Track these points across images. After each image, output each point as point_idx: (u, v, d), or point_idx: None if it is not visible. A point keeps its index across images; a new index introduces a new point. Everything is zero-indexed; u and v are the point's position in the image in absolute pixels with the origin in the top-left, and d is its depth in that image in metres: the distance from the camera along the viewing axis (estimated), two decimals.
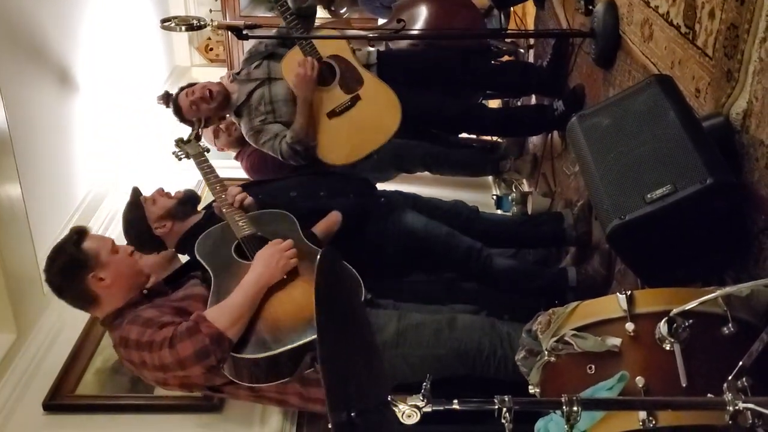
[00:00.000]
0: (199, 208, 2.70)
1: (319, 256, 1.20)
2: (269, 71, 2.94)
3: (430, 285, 2.84)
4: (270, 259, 2.05)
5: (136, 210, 2.48)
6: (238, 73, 3.04)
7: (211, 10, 5.04)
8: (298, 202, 2.58)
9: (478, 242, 2.71)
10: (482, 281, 2.71)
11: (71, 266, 2.09)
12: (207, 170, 2.51)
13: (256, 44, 3.10)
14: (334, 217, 2.49)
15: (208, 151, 2.65)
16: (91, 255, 2.09)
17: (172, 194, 2.62)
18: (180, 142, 2.67)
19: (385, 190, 2.99)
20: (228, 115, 3.10)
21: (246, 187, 2.87)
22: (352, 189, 2.77)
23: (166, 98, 3.25)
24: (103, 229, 3.52)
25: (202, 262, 2.18)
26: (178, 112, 3.03)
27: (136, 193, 2.56)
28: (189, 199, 2.63)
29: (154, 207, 2.48)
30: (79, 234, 2.15)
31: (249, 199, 2.41)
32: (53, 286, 2.13)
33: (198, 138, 2.67)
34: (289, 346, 1.89)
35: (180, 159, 2.67)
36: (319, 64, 2.80)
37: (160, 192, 2.54)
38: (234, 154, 3.60)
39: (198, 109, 2.95)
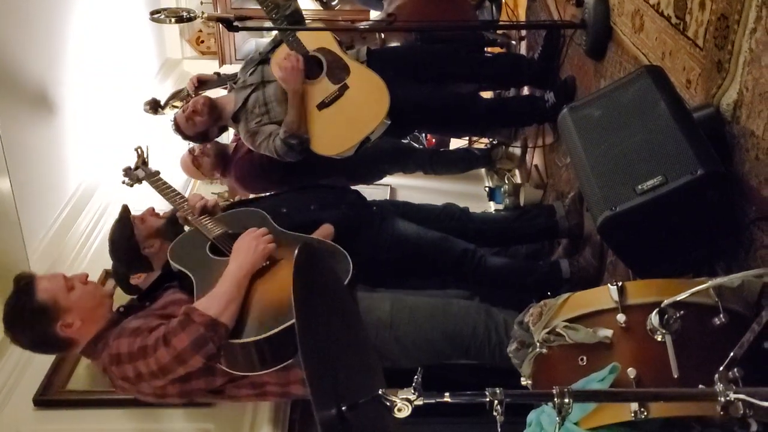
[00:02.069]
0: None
1: (296, 252, 1.18)
2: (263, 75, 2.95)
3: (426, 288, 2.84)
4: (248, 246, 2.03)
5: (124, 228, 2.44)
6: (235, 82, 3.07)
7: (201, 2, 5.00)
8: (290, 217, 2.56)
9: (471, 244, 2.71)
10: (477, 282, 2.71)
11: (33, 323, 1.97)
12: (163, 187, 2.50)
13: (252, 54, 3.13)
14: (326, 230, 2.47)
15: (158, 172, 2.62)
16: (49, 304, 1.97)
17: (161, 214, 2.59)
18: (128, 170, 2.64)
19: (375, 200, 3.00)
20: (228, 126, 3.11)
21: (234, 206, 2.85)
22: (343, 200, 2.77)
23: (154, 106, 3.25)
24: (94, 222, 3.50)
25: (178, 266, 2.13)
26: (179, 131, 3.08)
27: (125, 210, 2.52)
28: (178, 219, 2.59)
29: (143, 226, 2.44)
30: (27, 284, 2.00)
31: (212, 200, 2.40)
32: (22, 345, 2.02)
33: (145, 163, 2.63)
34: (290, 322, 1.82)
35: (132, 185, 2.64)
36: (306, 59, 2.79)
37: (150, 212, 2.51)
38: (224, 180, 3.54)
39: (194, 123, 3.00)
